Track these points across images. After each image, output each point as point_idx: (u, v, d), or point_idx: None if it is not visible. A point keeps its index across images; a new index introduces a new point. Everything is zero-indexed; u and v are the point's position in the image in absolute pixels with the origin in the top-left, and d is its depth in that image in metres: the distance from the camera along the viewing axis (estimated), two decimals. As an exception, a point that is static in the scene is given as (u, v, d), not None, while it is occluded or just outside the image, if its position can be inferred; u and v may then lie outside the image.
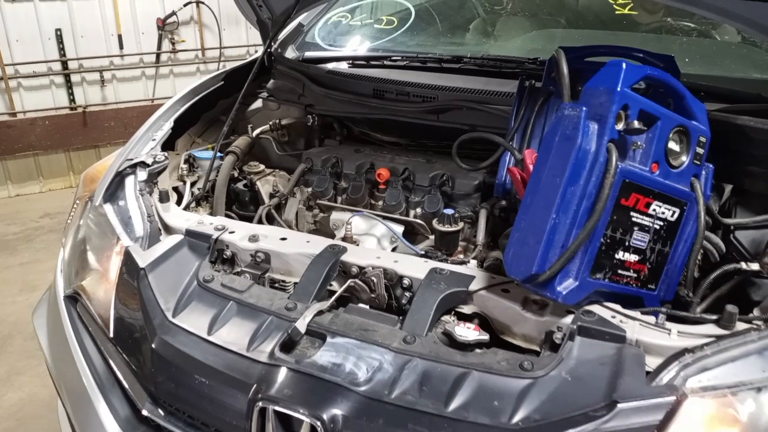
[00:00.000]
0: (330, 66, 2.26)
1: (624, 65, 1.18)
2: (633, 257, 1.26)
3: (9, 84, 5.16)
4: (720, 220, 1.45)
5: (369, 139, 2.17)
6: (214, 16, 5.88)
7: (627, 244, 1.24)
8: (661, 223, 1.28)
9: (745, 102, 1.71)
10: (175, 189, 1.89)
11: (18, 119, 5.27)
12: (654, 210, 1.25)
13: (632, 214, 1.23)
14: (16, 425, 2.79)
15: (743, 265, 1.29)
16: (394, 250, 1.73)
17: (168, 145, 1.98)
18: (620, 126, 1.17)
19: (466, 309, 1.36)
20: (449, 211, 1.67)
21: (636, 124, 1.16)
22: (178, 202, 1.82)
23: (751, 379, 1.05)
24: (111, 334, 1.46)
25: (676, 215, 1.29)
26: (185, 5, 5.73)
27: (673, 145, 1.29)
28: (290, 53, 2.42)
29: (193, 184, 1.94)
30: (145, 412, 1.35)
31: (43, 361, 3.12)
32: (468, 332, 1.23)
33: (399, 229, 1.77)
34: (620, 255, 1.24)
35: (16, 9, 5.09)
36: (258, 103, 2.30)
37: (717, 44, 2.22)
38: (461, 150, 1.70)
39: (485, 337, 1.24)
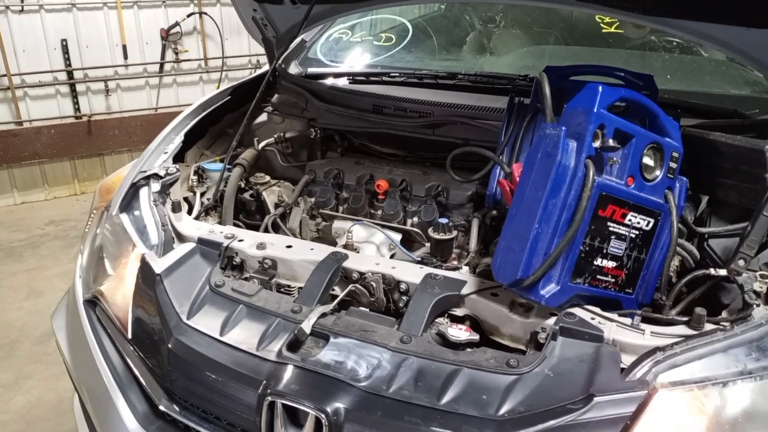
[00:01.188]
0: (331, 81, 2.37)
1: (600, 88, 1.29)
2: (611, 263, 1.36)
3: (15, 93, 5.24)
4: (694, 229, 1.55)
5: (368, 150, 2.27)
6: (216, 26, 5.97)
7: (605, 251, 1.34)
8: (637, 232, 1.38)
9: (723, 117, 1.82)
10: (186, 199, 1.98)
11: (24, 128, 5.34)
12: (630, 220, 1.36)
13: (609, 224, 1.33)
14: (24, 427, 2.86)
15: (712, 271, 1.38)
16: (392, 256, 1.82)
17: (178, 157, 2.07)
18: (597, 144, 1.28)
19: (459, 311, 1.46)
20: (444, 220, 1.76)
21: (611, 142, 1.27)
22: (189, 212, 1.91)
23: (716, 375, 1.15)
24: (129, 336, 1.54)
25: (650, 225, 1.39)
26: (188, 16, 5.82)
27: (647, 161, 1.39)
28: (293, 68, 2.52)
29: (202, 195, 2.03)
30: (162, 408, 1.45)
31: (50, 365, 3.23)
32: (460, 333, 1.33)
33: (397, 237, 1.86)
34: (599, 261, 1.34)
35: (22, 20, 5.17)
36: (263, 117, 2.39)
37: (698, 61, 2.32)
38: (455, 162, 1.79)
39: (475, 337, 1.34)
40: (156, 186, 1.87)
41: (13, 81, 5.22)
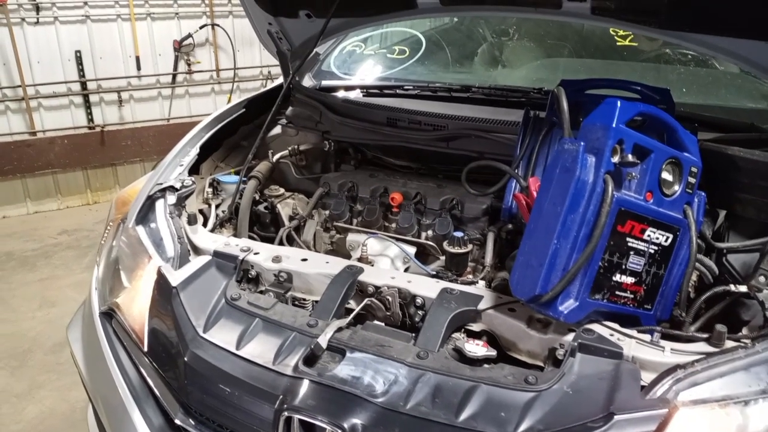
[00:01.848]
0: (345, 94, 2.38)
1: (619, 103, 1.28)
2: (630, 279, 1.35)
3: (30, 104, 5.30)
4: (713, 244, 1.54)
5: (382, 163, 2.27)
6: (228, 38, 6.02)
7: (624, 267, 1.33)
8: (656, 248, 1.37)
9: (739, 131, 1.81)
10: (200, 211, 1.99)
11: (37, 138, 5.40)
12: (649, 235, 1.35)
13: (628, 239, 1.32)
14: (37, 438, 2.89)
15: (732, 287, 1.38)
16: (406, 270, 1.81)
17: (193, 169, 2.08)
18: (616, 159, 1.27)
19: (475, 327, 1.45)
20: (459, 234, 1.76)
21: (630, 157, 1.26)
22: (204, 224, 1.91)
23: (738, 393, 1.14)
24: (145, 348, 1.55)
25: (669, 240, 1.38)
26: (201, 28, 5.88)
27: (666, 176, 1.39)
28: (307, 81, 2.53)
29: (217, 207, 2.04)
30: (177, 422, 1.44)
31: (62, 375, 3.24)
32: (477, 348, 1.32)
33: (411, 250, 1.86)
34: (618, 277, 1.33)
35: (37, 32, 5.24)
36: (277, 130, 2.39)
37: (713, 74, 2.31)
38: (469, 175, 1.78)
39: (493, 353, 1.33)
40: (172, 198, 1.87)
41: (28, 92, 5.28)
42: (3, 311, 3.94)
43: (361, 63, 2.79)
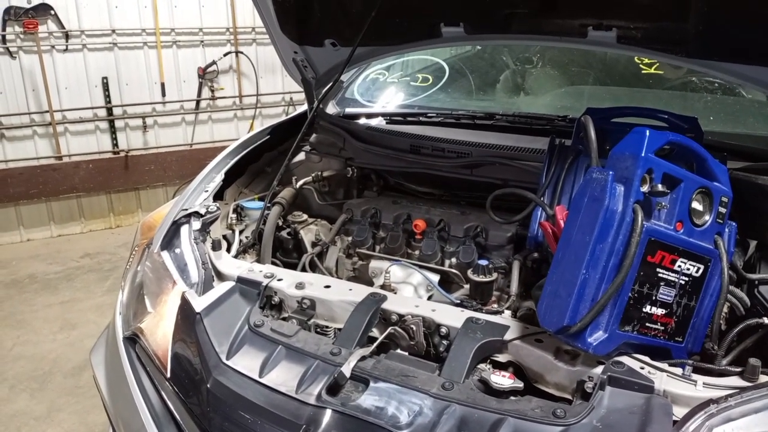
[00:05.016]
0: (369, 121, 2.39)
1: (648, 132, 1.27)
2: (660, 311, 1.33)
3: (56, 129, 5.41)
4: (744, 275, 1.51)
5: (405, 189, 2.27)
6: (252, 64, 6.12)
7: (654, 298, 1.31)
8: (687, 279, 1.34)
9: (768, 160, 1.79)
10: (224, 237, 2.00)
11: (63, 162, 5.50)
12: (679, 266, 1.32)
13: (658, 270, 1.30)
14: (56, 461, 2.89)
15: (765, 320, 1.34)
16: (430, 298, 1.79)
17: (217, 195, 2.09)
18: (645, 188, 1.26)
19: (501, 357, 1.42)
20: (483, 262, 1.73)
21: (660, 187, 1.25)
22: (228, 250, 1.92)
23: (774, 430, 1.10)
24: (168, 374, 1.54)
25: (700, 271, 1.36)
26: (225, 55, 5.99)
27: (696, 205, 1.36)
28: (331, 109, 2.55)
29: (241, 233, 2.04)
30: (198, 449, 1.43)
31: (81, 399, 3.25)
32: (503, 380, 1.29)
33: (435, 278, 1.84)
34: (648, 309, 1.31)
35: (66, 59, 5.38)
36: (301, 156, 2.42)
37: (741, 102, 2.29)
38: (493, 202, 1.76)
39: (520, 384, 1.30)
40: (197, 224, 1.88)
41: (55, 117, 5.39)
42: (25, 333, 3.98)
43: (384, 90, 2.81)
